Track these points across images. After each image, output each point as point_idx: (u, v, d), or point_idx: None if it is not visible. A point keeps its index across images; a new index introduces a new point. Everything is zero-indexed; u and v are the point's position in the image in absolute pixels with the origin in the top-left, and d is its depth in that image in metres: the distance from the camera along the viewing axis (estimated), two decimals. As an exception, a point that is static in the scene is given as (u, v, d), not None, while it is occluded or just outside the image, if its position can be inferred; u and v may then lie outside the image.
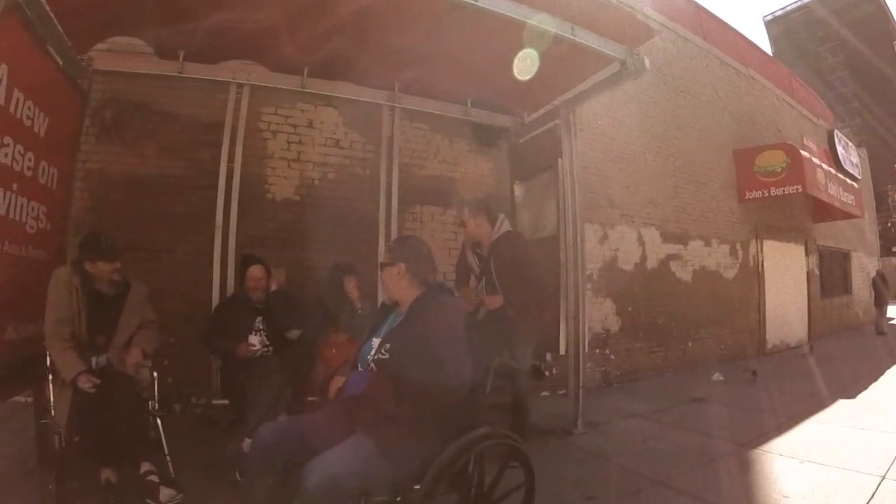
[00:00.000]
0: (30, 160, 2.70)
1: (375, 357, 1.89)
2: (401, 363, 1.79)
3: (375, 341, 1.98)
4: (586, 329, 3.93)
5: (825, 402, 4.87)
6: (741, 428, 4.01)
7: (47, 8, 2.75)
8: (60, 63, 3.04)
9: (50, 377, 2.51)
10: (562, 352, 3.91)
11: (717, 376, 6.10)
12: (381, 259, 2.11)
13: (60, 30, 2.99)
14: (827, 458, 3.27)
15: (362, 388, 1.81)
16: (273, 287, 3.52)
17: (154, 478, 2.42)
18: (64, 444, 2.38)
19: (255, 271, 3.46)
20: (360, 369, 1.96)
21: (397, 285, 1.98)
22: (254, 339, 3.26)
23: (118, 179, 4.11)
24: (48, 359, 2.53)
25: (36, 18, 2.67)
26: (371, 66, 3.99)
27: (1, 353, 2.49)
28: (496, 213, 3.39)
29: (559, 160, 4.04)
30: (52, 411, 2.46)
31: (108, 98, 4.10)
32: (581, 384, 3.90)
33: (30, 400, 2.88)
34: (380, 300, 3.34)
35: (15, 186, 2.58)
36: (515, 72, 3.80)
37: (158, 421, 2.70)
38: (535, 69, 3.66)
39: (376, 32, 3.58)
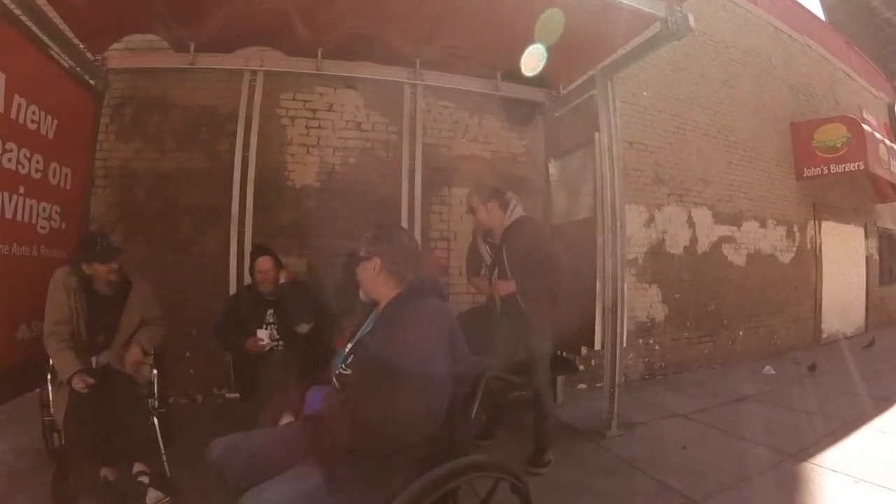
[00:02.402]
0: (38, 162, 2.64)
1: (337, 371, 1.52)
2: (361, 382, 1.40)
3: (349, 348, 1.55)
4: (625, 322, 3.32)
5: (884, 404, 4.06)
6: (791, 434, 3.38)
7: (49, 15, 2.77)
8: (67, 66, 2.96)
9: (49, 376, 2.39)
10: (597, 347, 3.33)
11: (768, 370, 5.29)
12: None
13: (68, 34, 2.97)
14: (885, 477, 2.67)
15: (319, 407, 1.45)
16: (282, 279, 3.08)
17: (144, 479, 2.27)
18: (63, 442, 2.32)
19: (262, 263, 3.09)
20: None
21: (373, 283, 1.58)
22: (262, 334, 2.92)
23: (140, 175, 3.92)
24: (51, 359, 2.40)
25: (36, 26, 2.64)
26: (389, 42, 3.54)
27: (15, 352, 2.46)
28: (508, 198, 2.99)
29: (596, 134, 3.39)
30: (52, 409, 2.37)
31: (127, 95, 3.91)
32: (617, 383, 3.32)
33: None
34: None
35: (22, 189, 2.53)
36: (547, 40, 3.27)
37: (155, 420, 2.48)
38: (567, 35, 3.14)
39: (392, 5, 3.17)
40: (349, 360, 1.51)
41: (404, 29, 3.46)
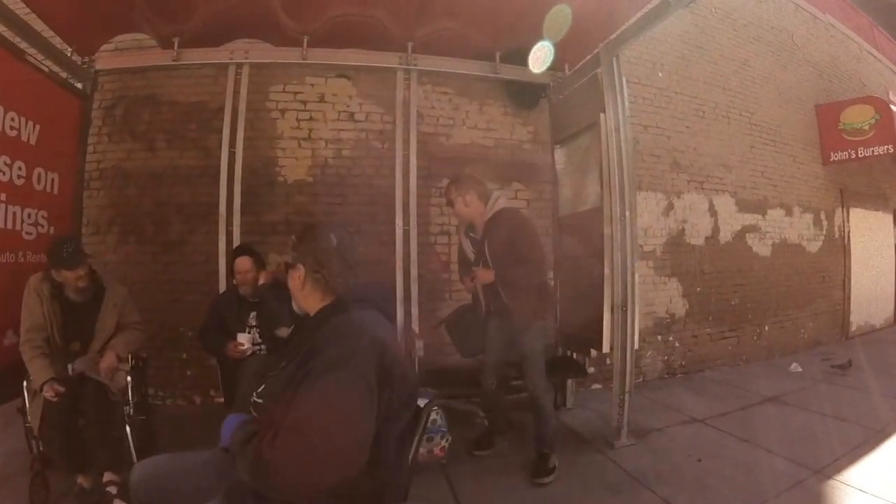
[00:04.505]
0: (20, 169, 2.58)
1: (252, 398, 1.26)
2: (271, 415, 1.14)
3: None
4: (636, 322, 2.88)
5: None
6: (816, 444, 2.90)
7: (31, 24, 2.75)
8: (47, 71, 2.86)
9: (25, 384, 2.31)
10: (605, 349, 2.91)
11: (794, 367, 4.72)
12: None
13: (51, 40, 2.92)
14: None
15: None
16: (262, 280, 2.79)
17: (112, 488, 2.18)
18: (41, 448, 2.26)
19: (241, 263, 2.81)
20: None
21: (300, 294, 1.31)
22: (243, 338, 2.68)
23: (132, 175, 3.71)
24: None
25: (12, 33, 2.60)
26: (378, 25, 3.21)
27: (2, 357, 2.41)
28: (489, 190, 2.73)
29: (602, 115, 2.95)
30: (28, 416, 2.29)
31: (118, 96, 3.72)
32: (627, 389, 2.90)
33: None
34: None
35: (3, 197, 2.49)
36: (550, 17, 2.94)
37: (128, 429, 2.35)
38: (571, 11, 2.87)
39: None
40: (262, 387, 1.23)
41: (392, 10, 3.12)
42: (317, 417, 0.99)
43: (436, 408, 1.35)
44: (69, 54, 3.07)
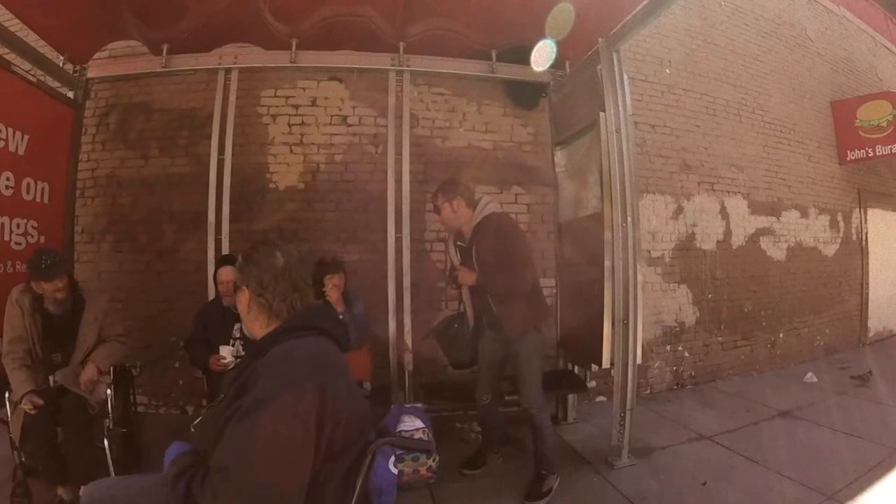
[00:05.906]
0: (8, 179, 2.58)
1: (191, 429, 1.24)
2: (204, 448, 1.08)
3: None
4: (639, 336, 2.67)
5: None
6: (830, 465, 2.67)
7: (19, 33, 2.77)
8: (35, 81, 2.83)
9: (7, 395, 2.31)
10: (605, 364, 2.70)
11: (809, 377, 4.46)
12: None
13: (40, 50, 2.90)
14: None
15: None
16: None
17: None
18: (23, 459, 2.27)
19: (224, 273, 2.73)
20: None
21: (247, 318, 1.22)
22: (225, 351, 2.58)
23: (125, 182, 3.66)
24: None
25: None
26: (368, 25, 3.10)
27: None
28: (477, 195, 2.60)
29: (602, 115, 2.76)
30: (10, 428, 2.29)
31: (111, 103, 3.68)
32: (629, 406, 2.69)
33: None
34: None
35: None
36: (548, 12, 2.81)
37: (106, 442, 2.31)
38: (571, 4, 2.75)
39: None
40: (198, 419, 1.19)
41: (382, 9, 2.99)
42: (245, 458, 0.93)
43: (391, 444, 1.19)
44: (60, 63, 3.05)
